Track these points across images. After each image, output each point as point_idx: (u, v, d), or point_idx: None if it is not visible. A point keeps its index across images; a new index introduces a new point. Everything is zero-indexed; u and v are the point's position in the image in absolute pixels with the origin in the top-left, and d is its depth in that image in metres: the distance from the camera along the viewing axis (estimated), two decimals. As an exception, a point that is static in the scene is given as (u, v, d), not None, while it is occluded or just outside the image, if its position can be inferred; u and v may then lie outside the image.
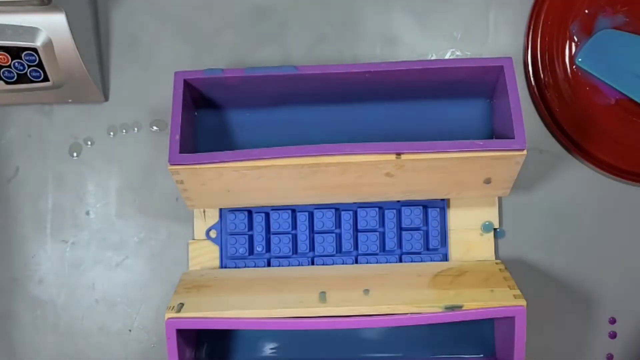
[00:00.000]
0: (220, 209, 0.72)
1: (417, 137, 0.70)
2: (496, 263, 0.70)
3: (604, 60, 0.71)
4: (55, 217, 0.74)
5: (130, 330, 0.73)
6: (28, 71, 0.68)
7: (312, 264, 0.71)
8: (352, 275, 0.68)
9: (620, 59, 0.71)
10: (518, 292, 0.63)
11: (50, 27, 0.66)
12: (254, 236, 0.71)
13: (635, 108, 0.72)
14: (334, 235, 0.71)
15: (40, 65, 0.67)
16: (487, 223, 0.71)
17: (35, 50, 0.66)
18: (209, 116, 0.71)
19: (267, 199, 0.68)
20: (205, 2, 0.74)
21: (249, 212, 0.71)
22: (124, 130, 0.74)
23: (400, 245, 0.71)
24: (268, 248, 0.71)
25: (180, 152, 0.63)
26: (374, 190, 0.66)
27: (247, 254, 0.71)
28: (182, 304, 0.63)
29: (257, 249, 0.71)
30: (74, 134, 0.74)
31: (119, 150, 0.74)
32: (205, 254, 0.72)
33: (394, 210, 0.71)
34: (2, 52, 0.66)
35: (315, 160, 0.61)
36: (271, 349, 0.71)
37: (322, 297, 0.64)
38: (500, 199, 0.72)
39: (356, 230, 0.71)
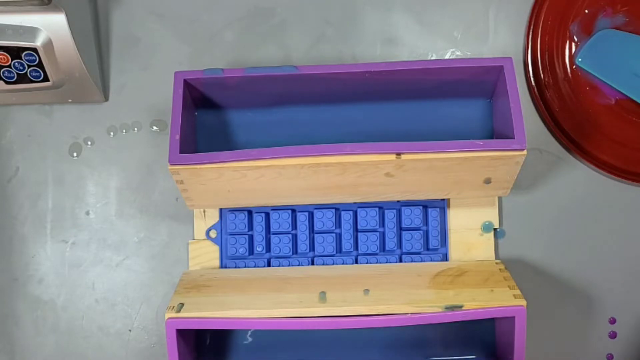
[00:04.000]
0: (220, 209, 0.72)
1: (417, 137, 0.70)
2: (496, 263, 0.70)
3: (604, 60, 0.71)
4: (55, 217, 0.74)
5: (130, 330, 0.73)
6: (28, 71, 0.68)
7: (312, 264, 0.71)
8: (352, 275, 0.68)
9: (620, 59, 0.71)
10: (518, 292, 0.63)
11: (50, 27, 0.66)
12: (254, 236, 0.71)
13: (635, 108, 0.72)
14: (334, 235, 0.71)
15: (40, 65, 0.67)
16: (487, 223, 0.71)
17: (35, 50, 0.66)
18: (209, 116, 0.71)
19: (267, 199, 0.68)
20: (205, 2, 0.74)
21: (249, 212, 0.71)
22: (124, 130, 0.74)
23: (400, 245, 0.71)
24: (268, 248, 0.71)
25: (180, 152, 0.63)
26: (374, 190, 0.66)
27: (247, 254, 0.71)
28: (182, 304, 0.63)
29: (257, 249, 0.71)
30: (74, 134, 0.74)
31: (119, 150, 0.74)
32: (205, 254, 0.72)
33: (394, 210, 0.71)
34: (2, 52, 0.66)
35: (315, 160, 0.61)
36: (271, 349, 0.71)
37: (322, 297, 0.64)
38: (500, 199, 0.72)
39: (356, 230, 0.71)
